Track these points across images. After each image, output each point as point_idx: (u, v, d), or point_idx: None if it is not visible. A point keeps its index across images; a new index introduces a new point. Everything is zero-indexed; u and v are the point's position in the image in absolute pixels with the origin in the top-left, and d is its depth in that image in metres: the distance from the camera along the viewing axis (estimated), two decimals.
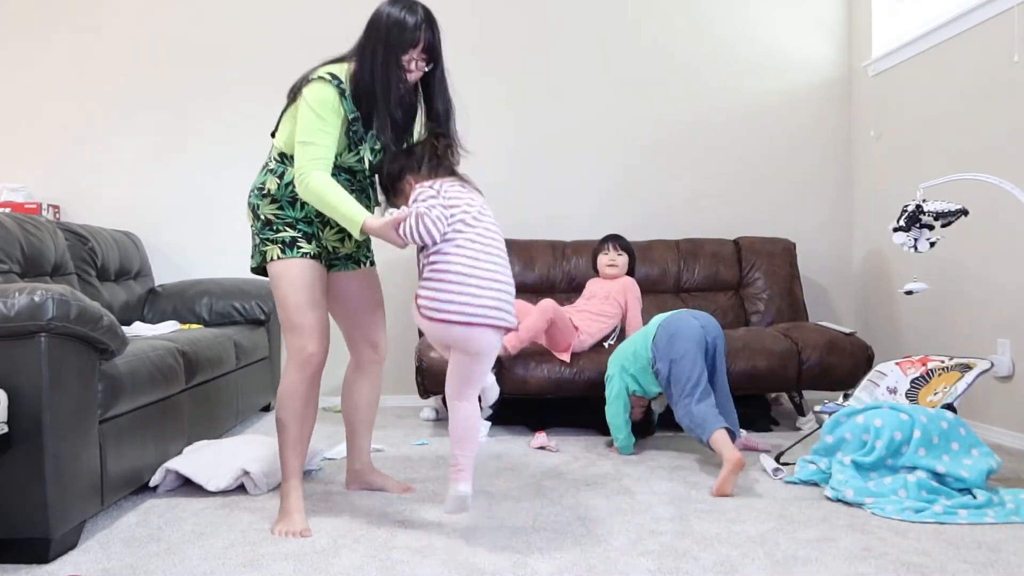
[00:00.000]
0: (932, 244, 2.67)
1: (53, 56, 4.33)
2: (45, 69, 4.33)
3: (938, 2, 3.71)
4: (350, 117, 2.25)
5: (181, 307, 3.86)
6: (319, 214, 2.33)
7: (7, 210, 3.63)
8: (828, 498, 2.45)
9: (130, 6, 4.36)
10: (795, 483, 2.65)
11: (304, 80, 2.26)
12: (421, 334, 3.89)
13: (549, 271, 4.16)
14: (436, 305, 2.05)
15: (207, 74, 4.37)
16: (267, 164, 2.38)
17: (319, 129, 2.20)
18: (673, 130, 4.51)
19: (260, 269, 2.39)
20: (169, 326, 3.43)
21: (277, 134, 2.37)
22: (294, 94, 2.29)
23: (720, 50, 4.51)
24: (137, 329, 3.28)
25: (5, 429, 1.90)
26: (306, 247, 2.33)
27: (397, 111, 2.28)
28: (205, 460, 2.63)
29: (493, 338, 2.11)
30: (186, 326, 3.61)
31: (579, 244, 4.25)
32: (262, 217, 2.34)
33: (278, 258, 2.30)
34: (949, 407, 2.61)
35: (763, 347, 3.50)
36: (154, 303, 3.92)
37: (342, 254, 2.47)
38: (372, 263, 2.59)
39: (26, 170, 4.28)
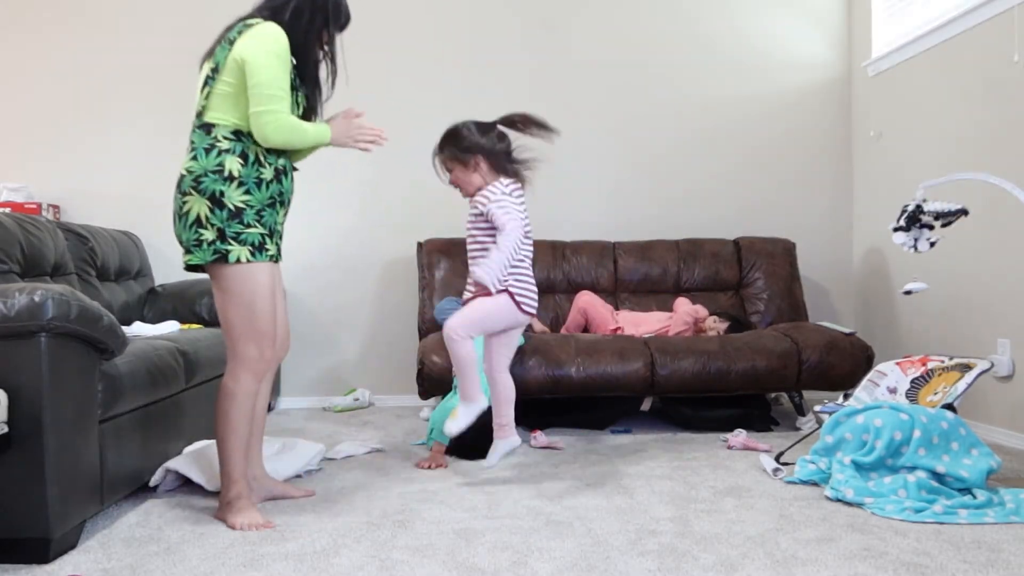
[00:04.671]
0: (932, 244, 2.67)
1: (53, 56, 4.32)
2: (45, 69, 4.33)
3: (938, 2, 3.71)
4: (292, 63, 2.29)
5: (181, 307, 3.86)
6: (276, 196, 2.28)
7: (7, 210, 3.63)
8: (828, 498, 2.45)
9: (131, 6, 4.36)
10: (795, 483, 2.65)
11: (244, 27, 2.23)
12: (422, 336, 3.89)
13: (549, 272, 4.15)
14: (529, 301, 2.66)
15: None
16: (214, 145, 2.21)
17: (284, 79, 2.20)
18: (673, 130, 4.51)
19: (198, 267, 2.26)
20: (169, 326, 3.42)
21: (217, 110, 2.23)
22: (220, 50, 2.23)
23: (720, 50, 4.51)
24: (137, 329, 3.28)
25: (5, 429, 1.90)
26: (271, 248, 2.28)
27: (315, 70, 2.39)
28: (205, 460, 2.62)
29: None
30: (186, 326, 3.61)
31: (579, 244, 4.25)
32: (230, 206, 2.20)
33: (247, 261, 2.21)
34: (949, 407, 2.61)
35: (763, 347, 3.50)
36: (154, 303, 3.92)
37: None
38: None
39: (26, 170, 4.28)
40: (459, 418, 2.61)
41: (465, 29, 4.45)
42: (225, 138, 2.23)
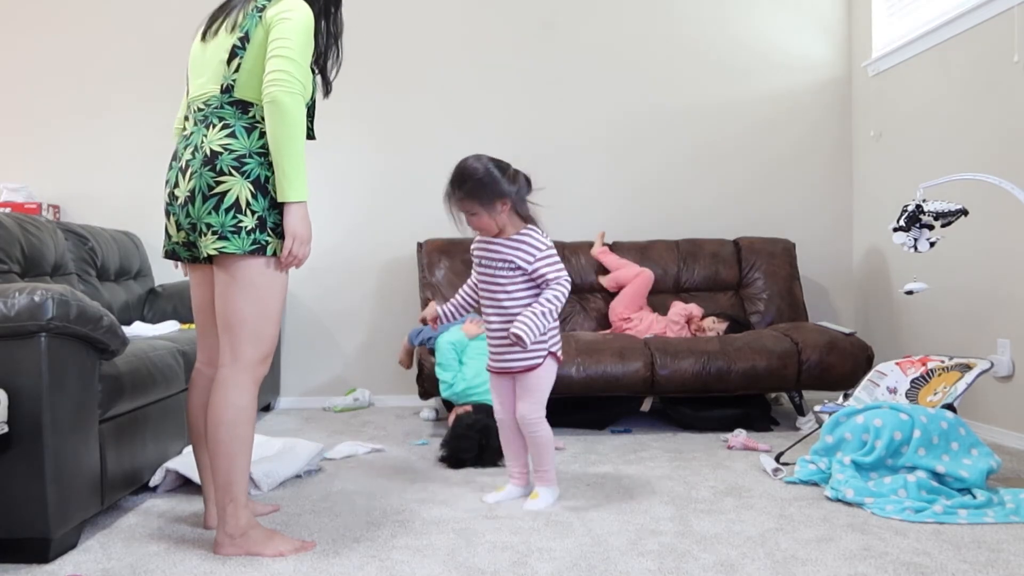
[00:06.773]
0: (932, 244, 2.67)
1: (53, 56, 4.33)
2: (45, 69, 4.33)
3: (938, 2, 3.71)
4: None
5: (181, 307, 3.86)
6: None
7: (7, 210, 3.63)
8: (828, 498, 2.45)
9: (130, 6, 4.36)
10: (795, 483, 2.65)
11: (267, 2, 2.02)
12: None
13: None
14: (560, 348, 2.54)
15: None
16: (254, 125, 2.03)
17: (308, 58, 2.00)
18: (673, 130, 4.50)
19: (207, 257, 2.03)
20: (169, 326, 3.43)
21: (249, 88, 2.03)
22: (242, 17, 2.03)
23: (720, 50, 4.51)
24: (137, 329, 3.28)
25: (5, 429, 1.90)
26: None
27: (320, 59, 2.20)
28: None
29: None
30: (186, 326, 3.61)
31: (579, 245, 4.25)
32: (273, 194, 2.00)
33: (278, 255, 2.02)
34: (949, 407, 2.61)
35: (763, 347, 3.50)
36: (154, 303, 3.92)
37: None
38: None
39: (26, 170, 4.28)
40: (540, 500, 2.43)
41: (464, 31, 4.45)
42: (264, 119, 2.00)
